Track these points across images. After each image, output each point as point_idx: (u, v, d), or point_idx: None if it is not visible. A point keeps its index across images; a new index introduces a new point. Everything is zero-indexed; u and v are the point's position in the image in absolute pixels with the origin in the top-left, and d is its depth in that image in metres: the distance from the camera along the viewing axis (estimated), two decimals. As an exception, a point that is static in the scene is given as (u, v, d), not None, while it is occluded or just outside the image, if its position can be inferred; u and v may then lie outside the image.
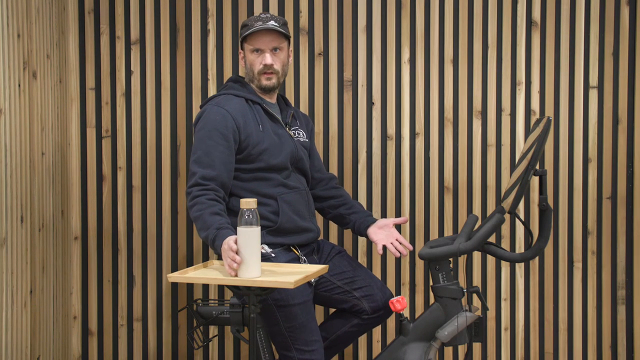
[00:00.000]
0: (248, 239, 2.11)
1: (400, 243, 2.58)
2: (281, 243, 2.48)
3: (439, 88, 3.14)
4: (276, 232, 2.47)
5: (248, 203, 2.12)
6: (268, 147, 2.48)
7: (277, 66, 2.53)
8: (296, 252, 2.50)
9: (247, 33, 2.52)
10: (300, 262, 2.48)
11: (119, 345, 3.16)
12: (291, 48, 2.65)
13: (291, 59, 2.65)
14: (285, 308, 2.40)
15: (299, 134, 2.65)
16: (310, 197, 2.64)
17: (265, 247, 2.26)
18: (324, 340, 2.59)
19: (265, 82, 2.54)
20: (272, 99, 2.62)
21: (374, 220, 2.64)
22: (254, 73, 2.54)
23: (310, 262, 2.54)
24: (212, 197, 2.36)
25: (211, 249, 2.80)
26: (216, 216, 2.30)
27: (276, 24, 2.51)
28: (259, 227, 2.14)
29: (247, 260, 2.12)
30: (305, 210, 2.57)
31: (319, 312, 3.11)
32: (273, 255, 2.42)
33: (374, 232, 2.61)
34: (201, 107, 2.58)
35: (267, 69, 2.52)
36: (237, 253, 2.12)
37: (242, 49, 2.58)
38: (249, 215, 2.11)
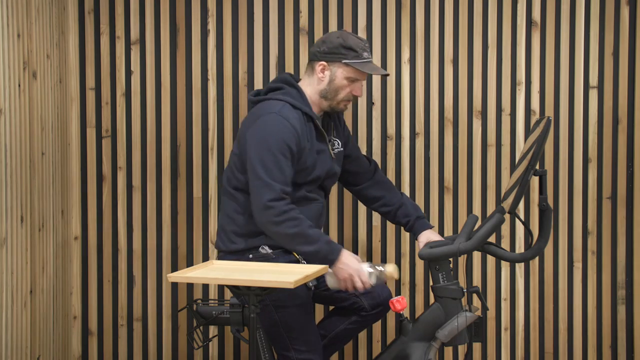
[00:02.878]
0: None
1: None
2: (281, 246, 2.46)
3: (439, 88, 3.14)
4: None
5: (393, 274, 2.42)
6: (309, 165, 2.45)
7: None
8: (296, 256, 2.49)
9: (358, 62, 2.44)
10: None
11: (119, 345, 3.16)
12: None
13: None
14: (284, 309, 2.40)
15: (335, 144, 2.61)
16: (325, 209, 2.61)
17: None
18: (323, 339, 2.59)
19: (343, 109, 2.53)
20: (320, 112, 2.57)
21: (430, 226, 2.69)
22: (337, 96, 2.48)
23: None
24: (299, 212, 2.35)
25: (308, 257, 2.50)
26: (314, 230, 2.34)
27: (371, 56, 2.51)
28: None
29: None
30: (314, 222, 2.50)
31: (319, 310, 3.11)
32: (274, 256, 2.43)
33: (426, 237, 2.64)
34: (255, 103, 2.50)
35: (353, 99, 2.53)
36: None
37: (330, 64, 2.46)
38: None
